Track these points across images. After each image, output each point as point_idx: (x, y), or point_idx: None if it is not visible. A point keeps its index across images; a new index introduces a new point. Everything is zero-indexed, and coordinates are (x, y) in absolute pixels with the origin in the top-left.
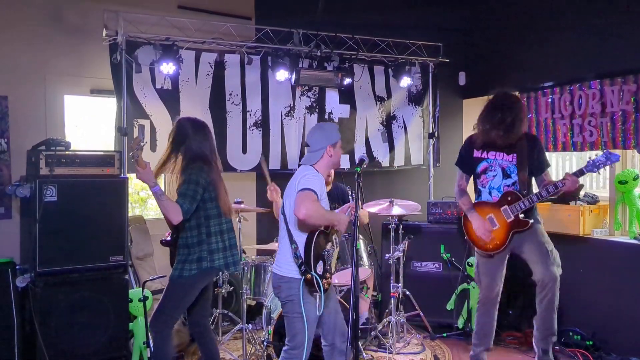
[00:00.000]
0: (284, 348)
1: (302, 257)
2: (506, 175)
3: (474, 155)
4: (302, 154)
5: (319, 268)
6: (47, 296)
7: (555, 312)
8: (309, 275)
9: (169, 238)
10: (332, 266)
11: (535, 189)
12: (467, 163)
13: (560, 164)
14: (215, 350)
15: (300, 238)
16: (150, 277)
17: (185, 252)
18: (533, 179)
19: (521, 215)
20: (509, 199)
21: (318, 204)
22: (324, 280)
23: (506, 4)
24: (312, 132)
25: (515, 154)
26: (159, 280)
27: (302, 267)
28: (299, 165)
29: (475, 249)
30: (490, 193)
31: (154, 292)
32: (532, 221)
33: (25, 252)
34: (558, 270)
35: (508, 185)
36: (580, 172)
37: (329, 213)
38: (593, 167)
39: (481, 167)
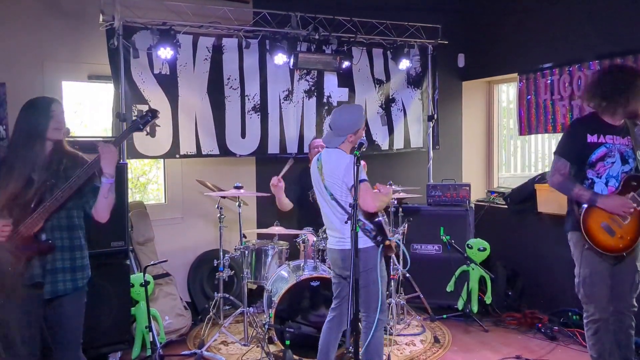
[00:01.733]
0: (375, 319)
1: (374, 229)
2: (624, 161)
3: (589, 140)
4: (301, 138)
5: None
6: None
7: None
8: (387, 242)
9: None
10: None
11: None
12: (577, 151)
13: None
14: None
15: (360, 214)
16: (152, 262)
17: (77, 256)
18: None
19: None
20: (634, 183)
21: (375, 192)
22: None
23: None
24: (336, 119)
25: (629, 137)
26: (160, 264)
27: (378, 237)
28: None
29: (592, 251)
30: (607, 183)
31: (155, 277)
32: None
33: None
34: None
35: (626, 172)
36: None
37: (382, 195)
38: None
39: (598, 153)
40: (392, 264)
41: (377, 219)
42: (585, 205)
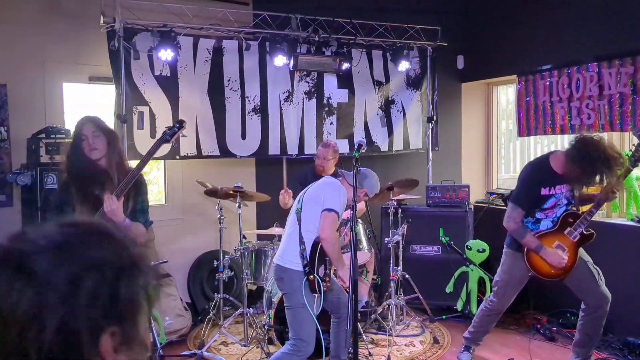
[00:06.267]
0: (290, 341)
1: (308, 258)
2: (569, 203)
3: (542, 193)
4: (301, 139)
5: (321, 271)
6: None
7: (602, 329)
8: (311, 277)
9: None
10: (332, 271)
11: None
12: (532, 201)
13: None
14: None
15: (309, 241)
16: (152, 263)
17: None
18: None
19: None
20: (570, 220)
21: (337, 235)
22: (324, 283)
23: None
24: (365, 171)
25: (569, 182)
26: (160, 265)
27: (307, 268)
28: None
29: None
30: (552, 221)
31: None
32: (594, 232)
33: None
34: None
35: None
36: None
37: (340, 253)
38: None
39: (549, 203)
40: (390, 265)
41: (326, 256)
42: None
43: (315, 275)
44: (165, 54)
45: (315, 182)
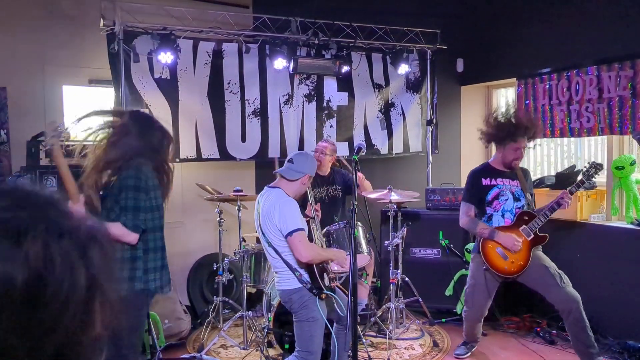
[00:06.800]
0: (295, 354)
1: (310, 282)
2: (516, 199)
3: (483, 184)
4: (301, 142)
5: (327, 281)
6: None
7: (588, 329)
8: (323, 295)
9: None
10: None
11: None
12: (476, 194)
13: (558, 151)
14: None
15: (300, 266)
16: None
17: None
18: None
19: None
20: (526, 218)
21: (311, 244)
22: (333, 284)
23: None
24: (298, 155)
25: (517, 181)
26: None
27: (314, 291)
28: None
29: (489, 272)
30: (503, 216)
31: None
32: (547, 235)
33: None
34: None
35: (519, 208)
36: (577, 187)
37: (326, 251)
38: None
39: (492, 193)
40: (390, 268)
41: (316, 275)
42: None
43: (326, 292)
44: (165, 57)
45: (261, 208)
